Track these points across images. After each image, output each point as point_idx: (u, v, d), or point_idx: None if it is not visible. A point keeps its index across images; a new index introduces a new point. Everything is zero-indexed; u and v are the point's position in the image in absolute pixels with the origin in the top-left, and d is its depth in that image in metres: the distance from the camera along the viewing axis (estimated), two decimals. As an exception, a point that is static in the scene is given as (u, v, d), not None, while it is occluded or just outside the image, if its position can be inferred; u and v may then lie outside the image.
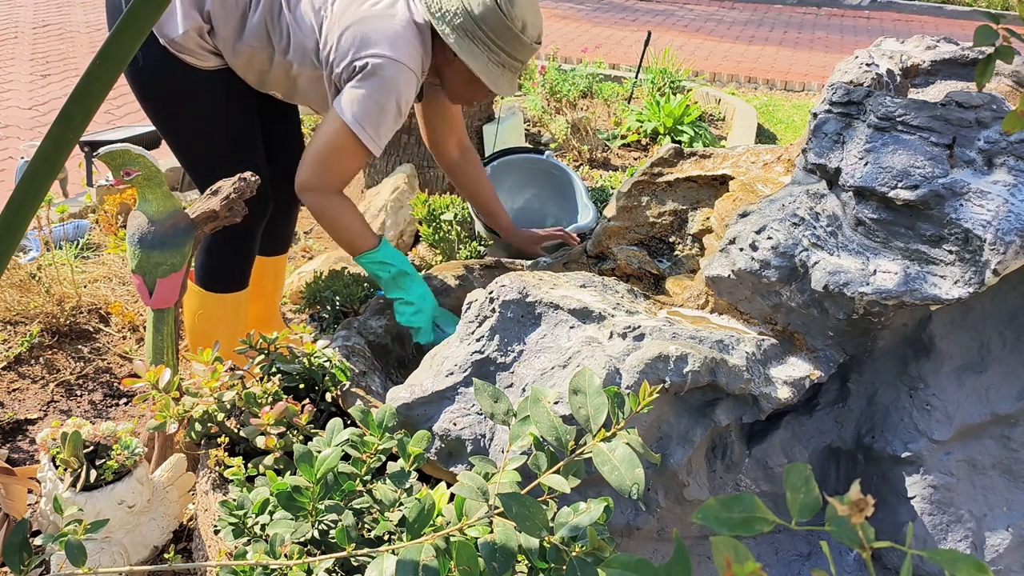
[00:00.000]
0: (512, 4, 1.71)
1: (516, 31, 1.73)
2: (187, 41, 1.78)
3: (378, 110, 1.71)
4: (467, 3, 1.71)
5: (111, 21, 1.87)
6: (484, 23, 1.71)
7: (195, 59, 1.82)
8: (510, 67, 1.78)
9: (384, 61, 1.68)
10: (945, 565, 0.46)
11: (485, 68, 1.75)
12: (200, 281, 2.02)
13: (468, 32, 1.72)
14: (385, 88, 1.70)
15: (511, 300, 1.44)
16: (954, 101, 1.34)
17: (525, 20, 1.74)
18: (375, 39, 1.69)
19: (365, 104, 1.70)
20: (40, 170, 0.54)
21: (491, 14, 1.70)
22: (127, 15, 0.52)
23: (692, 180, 1.91)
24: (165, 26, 1.77)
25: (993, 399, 1.38)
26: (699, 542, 1.43)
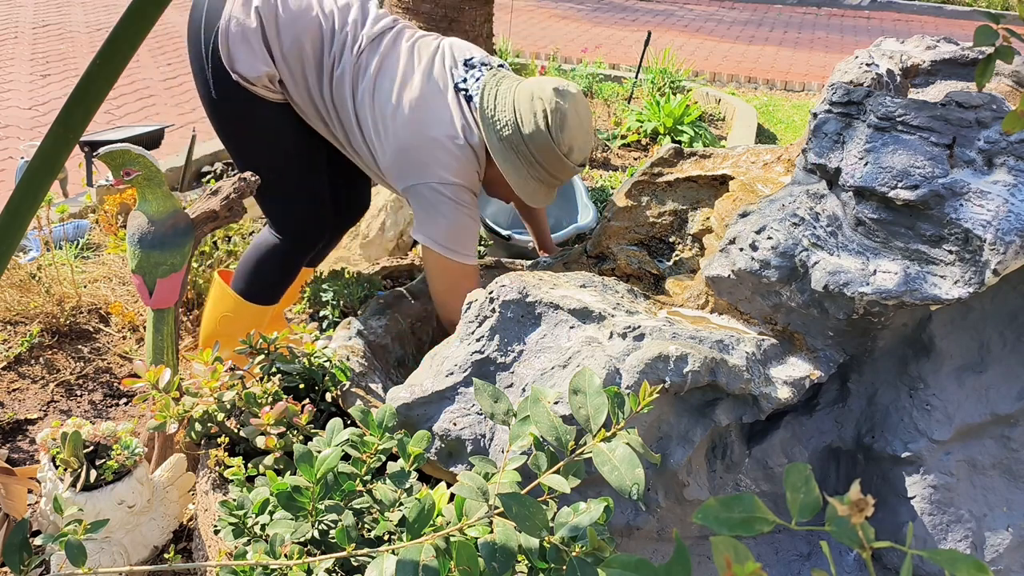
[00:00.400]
0: (562, 130, 1.72)
1: (561, 155, 1.75)
2: (257, 81, 1.82)
3: (457, 228, 1.76)
4: (520, 118, 1.73)
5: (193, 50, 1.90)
6: (531, 142, 1.73)
7: (266, 93, 1.86)
8: (547, 183, 1.81)
9: (443, 186, 1.74)
10: (945, 565, 0.46)
11: (522, 183, 1.78)
12: (239, 288, 2.06)
13: (514, 146, 1.74)
14: (453, 208, 1.75)
15: (511, 300, 1.44)
16: (954, 101, 1.34)
17: (572, 146, 1.76)
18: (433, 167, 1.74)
19: (444, 230, 1.75)
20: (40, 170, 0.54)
21: (539, 135, 1.72)
22: (127, 15, 0.52)
23: (692, 180, 1.91)
24: (236, 62, 1.80)
25: (993, 399, 1.38)
26: (699, 542, 1.43)
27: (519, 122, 1.72)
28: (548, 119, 1.71)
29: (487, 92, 1.76)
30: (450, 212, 1.74)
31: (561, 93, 1.72)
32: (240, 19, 1.78)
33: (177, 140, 4.13)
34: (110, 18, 7.05)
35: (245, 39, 1.79)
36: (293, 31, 1.80)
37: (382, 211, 3.04)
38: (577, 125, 1.74)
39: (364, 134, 1.84)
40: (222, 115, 1.91)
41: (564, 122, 1.71)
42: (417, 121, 1.76)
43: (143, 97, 4.99)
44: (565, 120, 1.71)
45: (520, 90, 1.75)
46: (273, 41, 1.80)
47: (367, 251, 2.88)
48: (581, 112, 1.75)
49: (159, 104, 4.85)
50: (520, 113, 1.72)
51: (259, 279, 2.06)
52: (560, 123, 1.71)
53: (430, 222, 1.76)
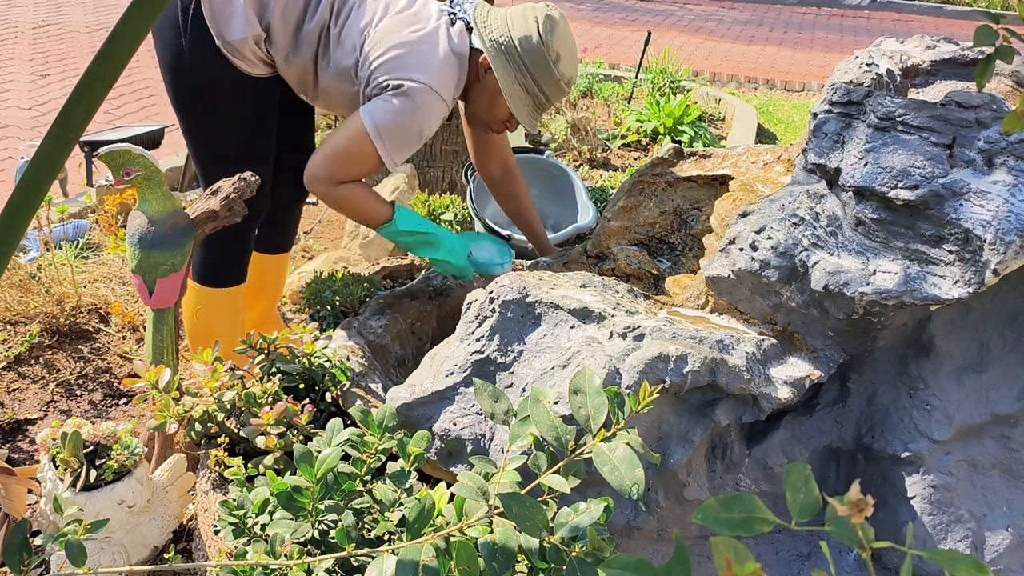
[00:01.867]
0: (551, 34, 1.79)
1: (549, 60, 1.80)
2: (242, 46, 1.81)
3: (402, 128, 1.75)
4: (510, 23, 1.81)
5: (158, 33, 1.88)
6: (521, 45, 1.79)
7: (245, 64, 1.84)
8: (535, 97, 1.85)
9: (419, 87, 1.73)
10: (945, 565, 0.46)
11: (511, 87, 1.81)
12: (197, 276, 2.02)
13: (504, 48, 1.79)
14: (414, 111, 1.74)
15: (511, 300, 1.44)
16: (954, 101, 1.34)
17: (560, 53, 1.82)
18: (412, 63, 1.75)
19: (391, 119, 1.74)
20: (40, 170, 0.54)
21: (529, 38, 1.79)
22: (127, 15, 0.52)
23: (692, 180, 1.91)
24: (223, 28, 1.79)
25: (993, 399, 1.38)
26: (699, 542, 1.43)
27: (510, 27, 1.80)
28: (539, 23, 1.79)
29: (480, 7, 1.85)
30: (408, 109, 1.73)
31: (551, 8, 1.82)
32: None
33: (177, 140, 4.12)
34: (110, 18, 7.05)
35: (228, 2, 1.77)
36: None
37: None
38: (565, 36, 1.82)
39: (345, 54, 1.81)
40: (189, 84, 1.88)
41: (554, 28, 1.79)
42: (400, 27, 1.77)
43: (143, 97, 4.99)
44: (555, 27, 1.80)
45: (512, 8, 1.84)
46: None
47: (367, 251, 2.88)
48: (569, 31, 1.84)
49: (159, 104, 4.85)
50: (512, 22, 1.81)
51: (211, 260, 2.01)
52: (550, 28, 1.79)
53: (382, 104, 1.74)
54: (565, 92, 1.87)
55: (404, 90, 1.73)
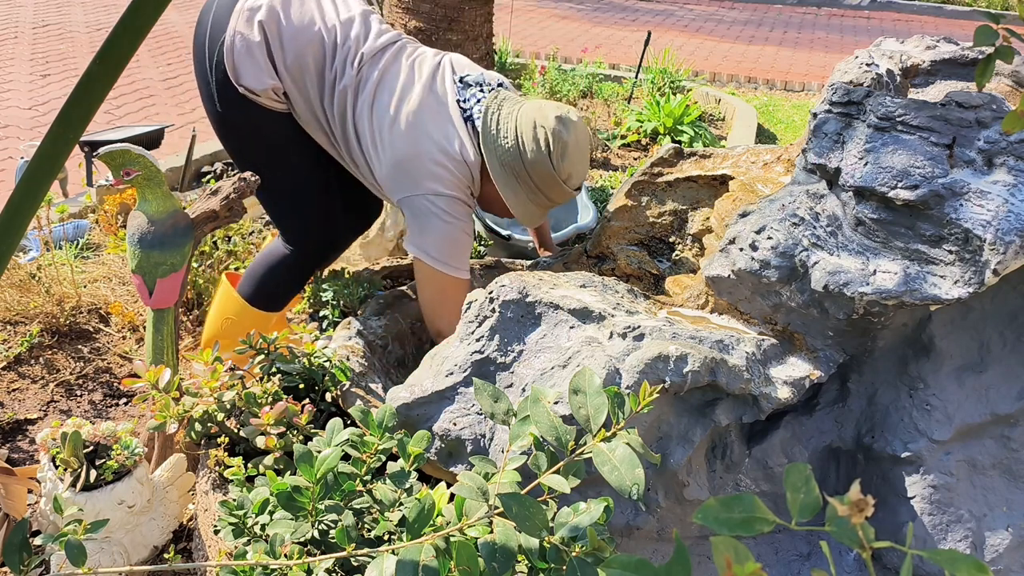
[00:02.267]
0: (563, 158, 1.75)
1: (560, 181, 1.77)
2: (262, 93, 1.83)
3: (450, 242, 1.77)
4: (522, 144, 1.74)
5: None
6: (532, 169, 1.75)
7: (270, 103, 1.86)
8: (544, 206, 1.83)
9: (439, 198, 1.75)
10: (945, 565, 0.46)
11: (520, 206, 1.80)
12: (246, 294, 2.07)
13: (515, 172, 1.76)
14: (447, 221, 1.76)
15: (511, 300, 1.44)
16: (954, 101, 1.34)
17: (572, 173, 1.78)
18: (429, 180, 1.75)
19: (438, 242, 1.76)
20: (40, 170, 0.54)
21: (541, 163, 1.74)
22: (127, 14, 0.52)
23: (692, 180, 1.91)
24: (241, 75, 1.81)
25: (993, 399, 1.38)
26: (699, 542, 1.43)
27: (521, 148, 1.74)
28: (551, 147, 1.72)
29: (489, 114, 1.77)
30: (442, 225, 1.75)
31: (563, 121, 1.73)
32: (244, 34, 1.79)
33: (177, 140, 4.13)
34: (110, 18, 7.05)
35: (250, 53, 1.80)
36: (296, 45, 1.81)
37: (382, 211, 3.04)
38: (577, 153, 1.76)
39: (362, 147, 1.85)
40: (229, 127, 1.92)
41: (565, 151, 1.73)
42: (414, 133, 1.77)
43: (143, 97, 4.99)
44: (566, 149, 1.73)
45: (522, 115, 1.76)
46: (277, 54, 1.81)
47: (367, 251, 2.88)
48: (581, 140, 1.77)
49: (159, 104, 4.85)
50: (523, 140, 1.74)
51: (267, 288, 2.07)
52: (562, 152, 1.73)
53: (422, 234, 1.77)
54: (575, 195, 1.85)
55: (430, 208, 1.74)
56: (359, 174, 1.94)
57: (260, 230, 3.00)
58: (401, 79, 1.82)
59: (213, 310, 2.15)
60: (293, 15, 1.82)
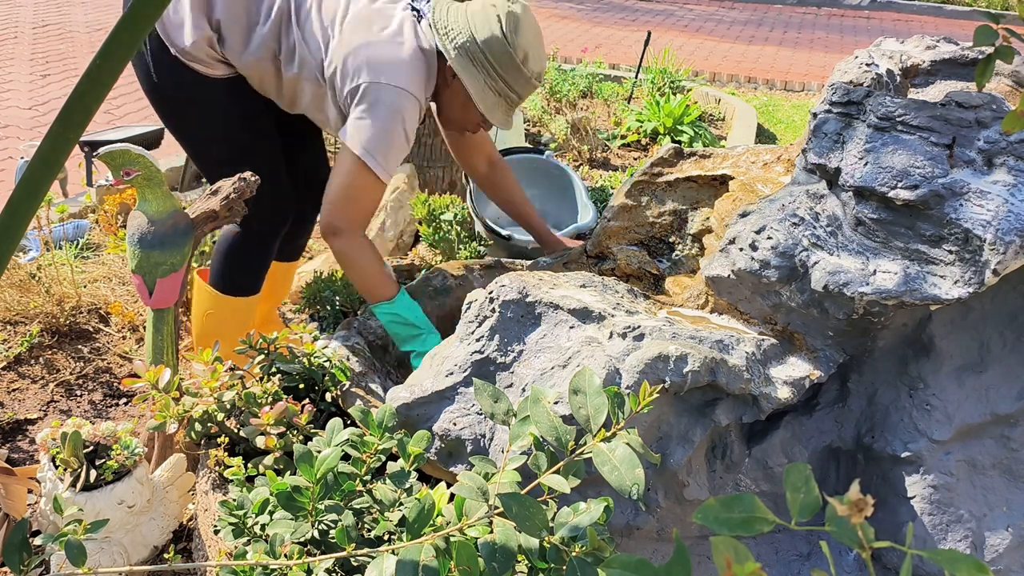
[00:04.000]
0: (516, 33, 1.73)
1: (517, 61, 1.75)
2: (197, 51, 1.80)
3: (386, 138, 1.73)
4: (472, 26, 1.74)
5: None
6: (487, 48, 1.73)
7: (205, 68, 1.83)
8: (506, 97, 1.80)
9: (388, 88, 1.71)
10: (945, 565, 0.46)
11: (482, 93, 1.77)
12: (214, 283, 2.04)
13: (470, 54, 1.74)
14: (390, 116, 1.72)
15: (511, 300, 1.44)
16: (954, 101, 1.34)
17: (527, 52, 1.76)
18: (380, 65, 1.72)
19: (373, 133, 1.72)
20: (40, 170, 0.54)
21: (495, 40, 1.73)
22: (127, 14, 0.52)
23: (692, 180, 1.91)
24: (174, 36, 1.79)
25: (993, 399, 1.38)
26: (699, 542, 1.43)
27: (473, 29, 1.73)
28: (502, 23, 1.72)
29: (438, 7, 1.78)
30: (385, 117, 1.71)
31: (512, 2, 1.75)
32: None
33: (177, 140, 4.13)
34: (110, 18, 7.05)
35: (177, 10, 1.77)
36: None
37: (381, 211, 3.04)
38: (531, 30, 1.76)
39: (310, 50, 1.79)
40: (167, 100, 1.89)
41: (518, 25, 1.73)
42: (367, 25, 1.75)
43: (143, 97, 4.98)
44: (519, 23, 1.73)
45: (471, 3, 1.77)
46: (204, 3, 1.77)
47: (367, 251, 2.87)
48: (533, 22, 1.78)
49: (159, 104, 4.85)
50: (474, 22, 1.74)
51: (231, 270, 2.03)
52: (514, 26, 1.73)
53: (360, 120, 1.72)
54: (536, 87, 1.84)
55: (373, 96, 1.71)
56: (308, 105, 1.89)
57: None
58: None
59: (193, 310, 2.14)
60: None
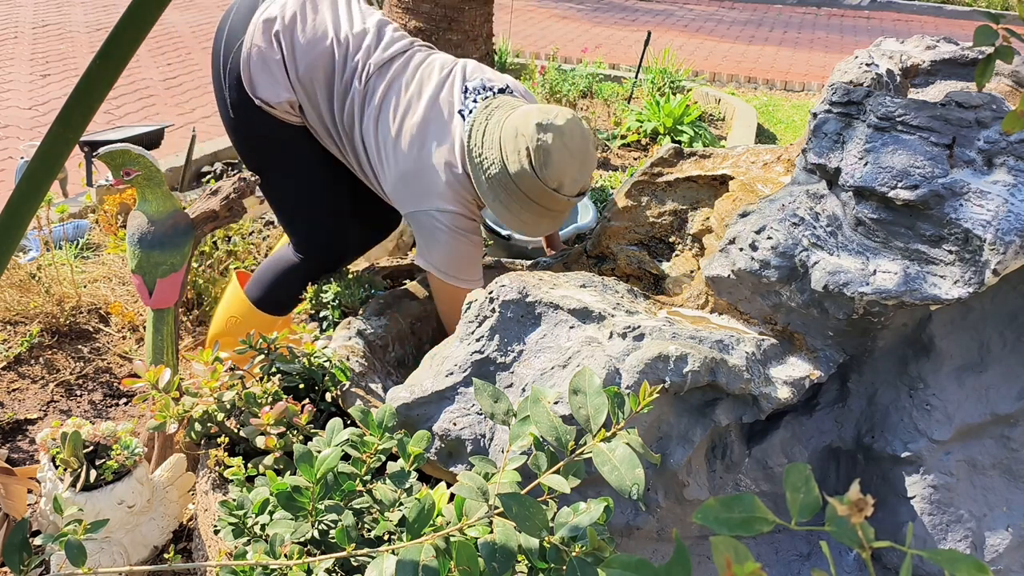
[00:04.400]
0: (546, 167, 1.63)
1: (550, 191, 1.66)
2: (278, 108, 1.84)
3: (455, 256, 1.77)
4: (505, 157, 1.66)
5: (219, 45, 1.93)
6: (519, 181, 1.66)
7: (283, 115, 1.87)
8: (545, 216, 1.74)
9: (436, 214, 1.74)
10: (945, 565, 0.46)
11: (515, 219, 1.74)
12: (253, 296, 2.09)
13: (503, 185, 1.69)
14: (449, 236, 1.75)
15: (511, 300, 1.44)
16: (954, 101, 1.34)
17: (562, 180, 1.66)
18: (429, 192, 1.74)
19: (441, 257, 1.76)
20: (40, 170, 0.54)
21: (525, 175, 1.65)
22: (127, 14, 0.52)
23: (692, 180, 1.91)
24: (257, 88, 1.82)
25: (993, 399, 1.38)
26: (699, 542, 1.43)
27: (505, 161, 1.66)
28: (531, 158, 1.63)
29: (475, 130, 1.71)
30: (448, 240, 1.75)
31: (544, 128, 1.61)
32: (261, 47, 1.80)
33: (177, 140, 4.13)
34: (110, 18, 7.05)
35: (266, 66, 1.80)
36: (308, 58, 1.81)
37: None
38: (566, 158, 1.63)
39: (370, 159, 1.85)
40: (242, 135, 1.93)
41: (548, 159, 1.62)
42: (417, 148, 1.76)
43: (143, 97, 4.99)
44: (549, 157, 1.62)
45: (507, 126, 1.67)
46: (290, 66, 1.81)
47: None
48: (571, 143, 1.64)
49: (159, 104, 4.85)
50: (506, 152, 1.65)
51: (275, 292, 2.08)
52: (544, 160, 1.62)
53: (430, 249, 1.77)
54: (578, 200, 1.73)
55: (429, 223, 1.74)
56: (371, 185, 1.95)
57: (260, 230, 3.00)
58: (407, 91, 1.80)
59: (220, 307, 2.17)
60: (307, 27, 1.82)
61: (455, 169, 1.74)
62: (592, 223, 2.71)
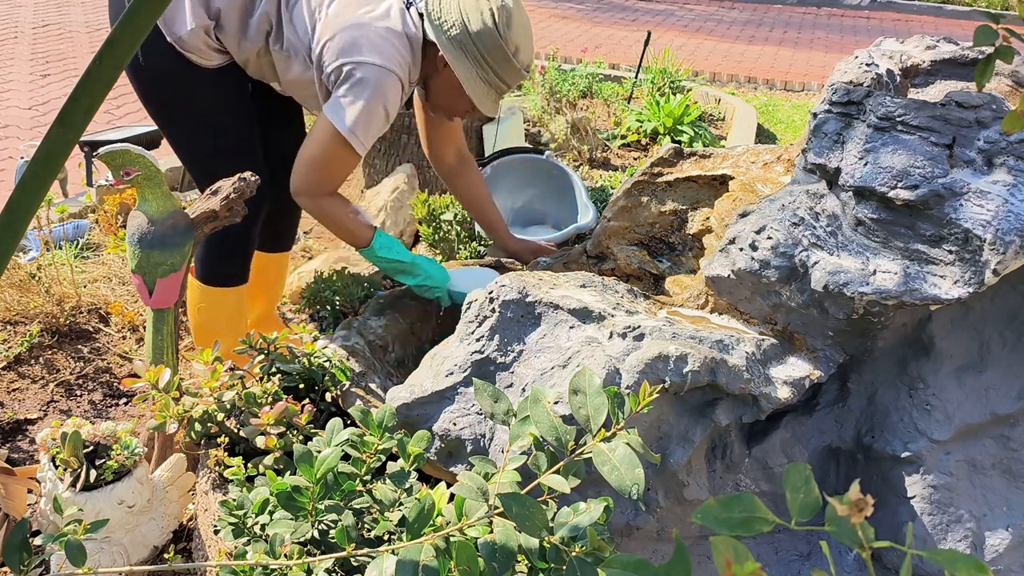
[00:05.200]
0: (508, 27, 1.75)
1: (508, 53, 1.76)
2: (194, 39, 1.81)
3: (367, 115, 1.74)
4: (466, 17, 1.74)
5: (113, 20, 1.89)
6: (479, 40, 1.74)
7: (200, 57, 1.84)
8: (496, 87, 1.83)
9: (372, 67, 1.72)
10: (945, 565, 0.46)
11: (473, 83, 1.79)
12: (199, 275, 2.04)
13: (462, 45, 1.75)
14: (373, 94, 1.73)
15: (511, 300, 1.44)
16: (954, 101, 1.34)
17: (519, 45, 1.78)
18: (365, 45, 1.73)
19: (354, 110, 1.73)
20: (40, 170, 0.54)
21: (487, 33, 1.74)
22: (128, 14, 0.52)
23: (692, 180, 1.91)
24: (173, 24, 1.79)
25: (993, 399, 1.38)
26: (699, 542, 1.43)
27: (466, 21, 1.74)
28: (495, 16, 1.73)
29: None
30: (368, 96, 1.73)
31: None
32: None
33: (177, 140, 4.12)
34: (110, 18, 7.04)
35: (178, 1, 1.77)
36: None
37: (382, 211, 3.04)
38: (522, 24, 1.78)
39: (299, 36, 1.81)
40: (152, 84, 1.88)
41: (510, 20, 1.74)
42: (353, 7, 1.76)
43: (143, 97, 4.98)
44: (511, 18, 1.75)
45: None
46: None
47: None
48: (523, 16, 1.80)
49: (159, 104, 4.85)
50: (467, 13, 1.74)
51: (212, 260, 2.03)
52: (507, 20, 1.74)
53: (342, 98, 1.74)
54: (525, 77, 1.86)
55: (358, 75, 1.72)
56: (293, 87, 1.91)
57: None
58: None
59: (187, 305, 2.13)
60: None
61: (394, 28, 1.75)
62: (592, 223, 2.71)
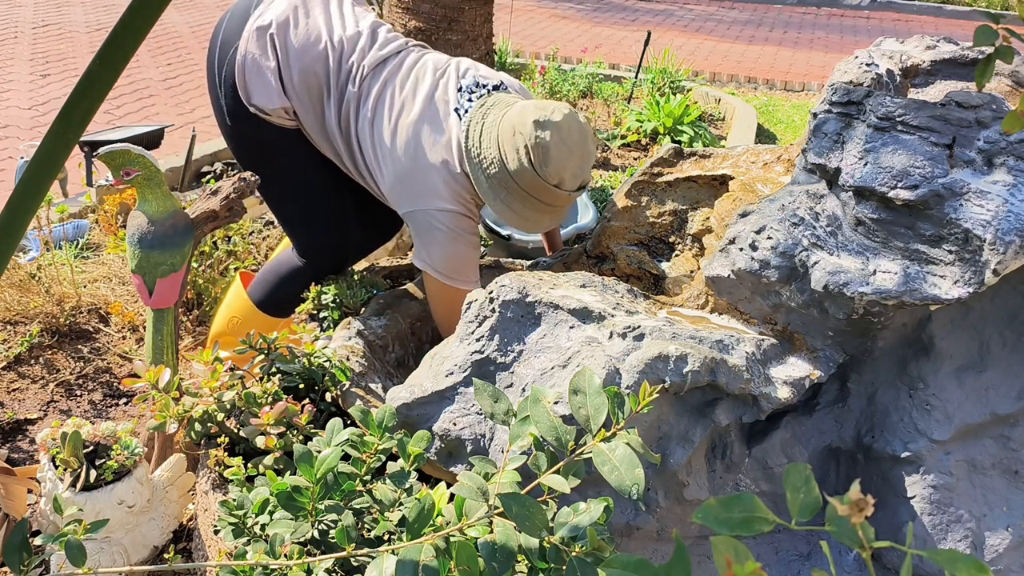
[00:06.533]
0: (546, 164, 1.62)
1: (551, 187, 1.65)
2: (273, 114, 1.84)
3: (455, 256, 1.75)
4: (504, 155, 1.65)
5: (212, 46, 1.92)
6: (519, 179, 1.65)
7: (279, 121, 1.87)
8: (546, 212, 1.72)
9: (434, 213, 1.73)
10: (945, 565, 0.46)
11: (517, 217, 1.73)
12: (256, 299, 2.10)
13: (504, 184, 1.68)
14: (447, 236, 1.74)
15: (511, 300, 1.44)
16: (954, 101, 1.34)
17: (563, 176, 1.65)
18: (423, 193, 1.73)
19: (439, 257, 1.75)
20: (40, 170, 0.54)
21: (525, 172, 1.64)
22: (127, 14, 0.52)
23: (692, 180, 1.91)
24: (252, 94, 1.82)
25: (993, 399, 1.38)
26: (699, 542, 1.43)
27: (504, 160, 1.65)
28: (531, 156, 1.62)
29: (472, 128, 1.70)
30: (446, 240, 1.74)
31: (541, 125, 1.60)
32: (255, 54, 1.79)
33: (177, 140, 4.13)
34: (110, 18, 7.05)
35: (260, 74, 1.80)
36: (302, 63, 1.80)
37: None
38: (565, 154, 1.63)
39: (366, 161, 1.84)
40: (240, 142, 1.93)
41: (547, 156, 1.61)
42: (413, 147, 1.75)
43: (143, 97, 4.99)
44: (548, 153, 1.61)
45: (504, 124, 1.66)
46: (284, 73, 1.81)
47: (367, 251, 2.87)
48: (569, 139, 1.63)
49: (159, 104, 4.85)
50: (504, 151, 1.65)
51: (277, 294, 2.09)
52: (543, 158, 1.61)
53: (427, 248, 1.76)
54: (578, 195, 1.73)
55: (427, 223, 1.73)
56: (368, 187, 1.94)
57: (260, 230, 3.00)
58: (402, 91, 1.80)
59: (222, 307, 2.18)
60: (300, 32, 1.81)
61: (452, 168, 1.73)
62: (592, 223, 2.71)
